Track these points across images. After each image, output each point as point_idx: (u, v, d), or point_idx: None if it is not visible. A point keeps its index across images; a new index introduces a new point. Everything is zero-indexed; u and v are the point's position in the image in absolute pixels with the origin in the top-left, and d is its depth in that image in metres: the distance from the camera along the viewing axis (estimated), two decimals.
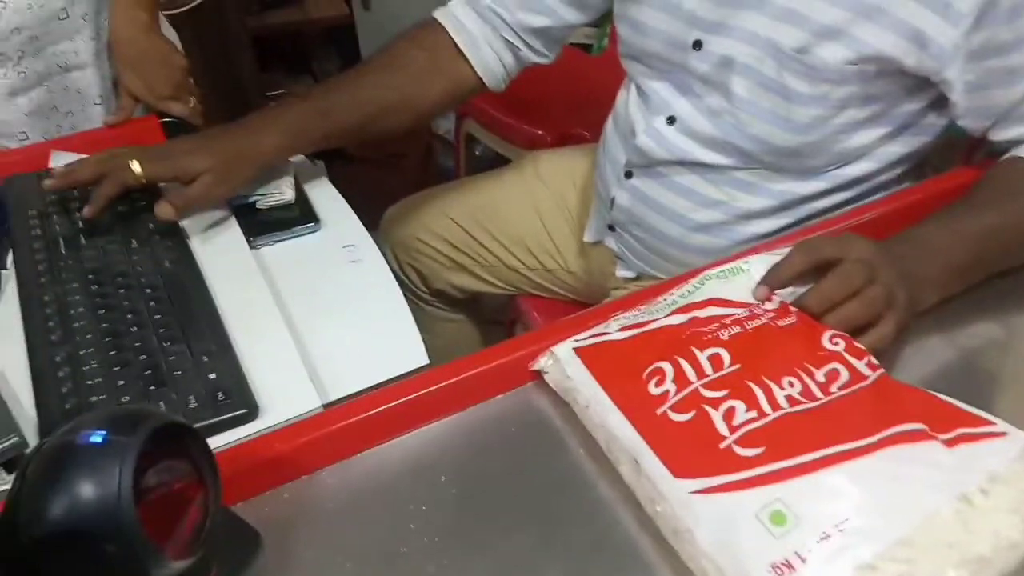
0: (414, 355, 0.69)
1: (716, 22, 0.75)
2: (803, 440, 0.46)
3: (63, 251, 0.75)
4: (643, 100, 0.86)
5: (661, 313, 0.57)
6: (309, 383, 0.64)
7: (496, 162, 1.41)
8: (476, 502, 0.55)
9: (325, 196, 0.88)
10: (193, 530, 0.45)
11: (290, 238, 0.82)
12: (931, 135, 0.80)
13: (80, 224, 0.78)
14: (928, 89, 0.73)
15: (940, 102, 0.75)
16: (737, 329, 0.53)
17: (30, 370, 0.64)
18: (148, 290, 0.70)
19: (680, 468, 0.47)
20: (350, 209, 0.86)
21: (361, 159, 2.06)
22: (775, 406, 0.48)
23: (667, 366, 0.51)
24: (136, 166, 0.76)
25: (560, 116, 1.59)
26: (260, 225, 0.82)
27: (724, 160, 0.82)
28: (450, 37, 0.90)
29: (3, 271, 0.76)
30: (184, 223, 0.80)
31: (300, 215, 0.84)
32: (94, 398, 0.60)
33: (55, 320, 0.67)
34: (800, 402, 0.49)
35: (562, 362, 0.56)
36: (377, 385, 0.65)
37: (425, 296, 1.20)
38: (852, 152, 0.78)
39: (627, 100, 0.89)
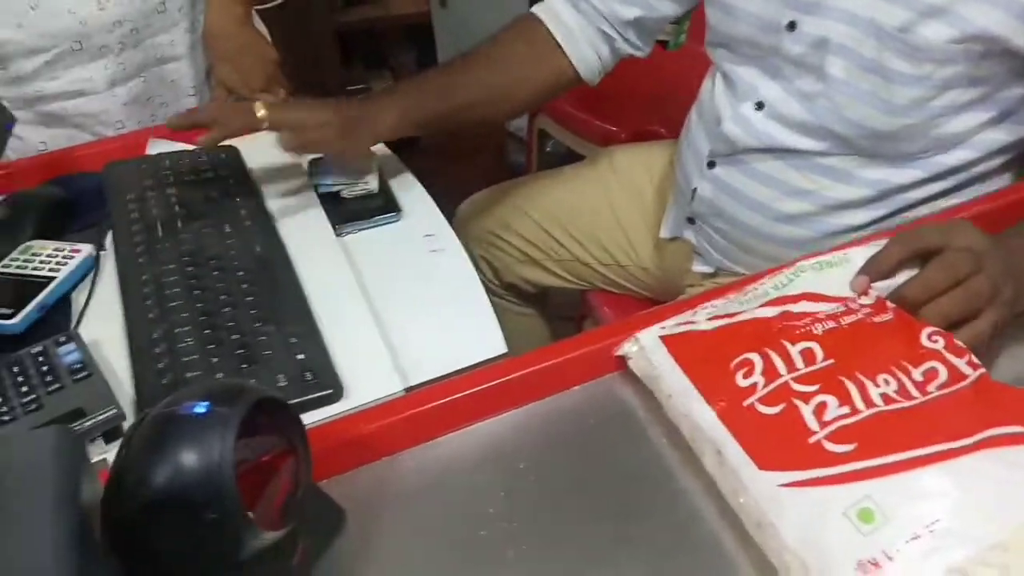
0: (493, 343, 0.70)
1: (812, 2, 0.73)
2: (897, 439, 0.45)
3: (160, 234, 0.78)
4: (729, 87, 0.85)
5: (752, 304, 0.56)
6: (392, 367, 0.65)
7: (567, 159, 1.41)
8: (555, 490, 0.55)
9: (406, 187, 0.90)
10: (284, 502, 0.46)
11: (373, 227, 0.84)
12: None
13: (176, 209, 0.82)
14: None
15: None
16: (831, 324, 0.52)
17: (128, 346, 0.67)
18: (240, 273, 0.73)
19: (765, 461, 0.47)
20: (431, 200, 0.88)
21: (436, 153, 2.08)
22: (869, 403, 0.47)
23: (756, 358, 0.51)
24: (260, 109, 0.78)
25: (635, 112, 1.58)
26: (345, 213, 0.84)
27: (815, 145, 0.79)
28: (548, 30, 0.91)
29: (102, 252, 0.80)
30: (273, 210, 0.83)
31: (383, 204, 0.86)
32: (189, 374, 0.62)
33: (152, 299, 0.70)
34: (896, 400, 0.47)
35: (647, 350, 0.56)
36: (456, 372, 0.66)
37: (497, 289, 1.20)
38: (951, 138, 0.75)
39: (712, 89, 0.89)
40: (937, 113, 0.73)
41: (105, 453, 0.61)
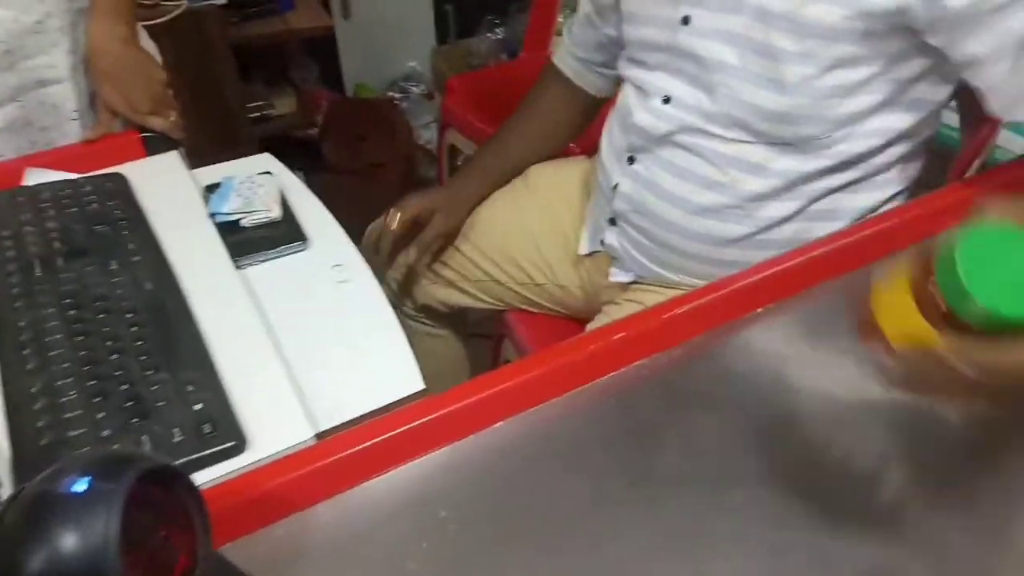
0: (409, 380, 0.66)
1: None
2: None
3: (38, 273, 0.72)
4: (640, 91, 0.91)
5: None
6: (300, 412, 0.61)
7: None
8: (480, 538, 0.52)
9: (311, 212, 0.85)
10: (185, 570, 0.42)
11: (276, 257, 0.79)
12: (926, 111, 0.80)
13: (56, 245, 0.75)
14: (918, 57, 0.74)
15: (933, 73, 0.76)
16: None
17: (4, 402, 0.61)
18: (129, 315, 0.67)
19: None
20: (338, 226, 0.84)
21: (340, 170, 2.03)
22: None
23: None
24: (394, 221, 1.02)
25: None
26: (245, 244, 0.79)
27: (723, 132, 0.83)
28: (565, 75, 1.08)
29: None
30: (165, 243, 0.77)
31: (287, 233, 0.81)
32: (72, 432, 0.57)
33: (31, 348, 0.64)
34: None
35: None
36: (372, 413, 0.63)
37: (409, 311, 1.18)
38: (846, 119, 0.78)
39: (625, 94, 0.94)
40: (828, 93, 0.76)
41: None
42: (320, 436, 0.60)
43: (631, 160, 0.91)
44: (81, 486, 0.39)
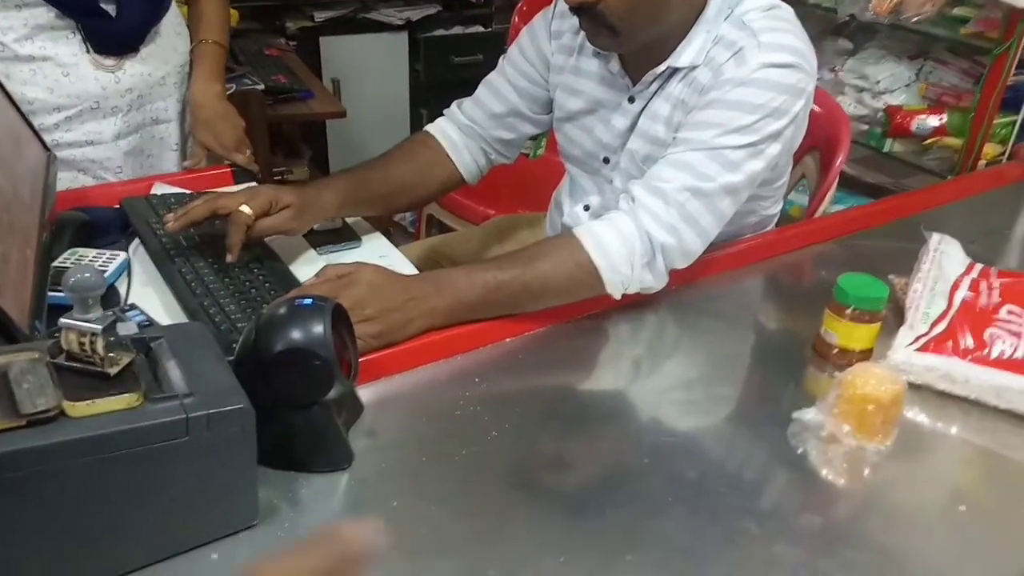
0: None
1: (616, 146, 1.11)
2: None
3: (184, 243, 1.04)
4: (572, 189, 1.20)
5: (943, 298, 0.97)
6: None
7: None
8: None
9: (359, 226, 1.20)
10: (348, 371, 0.74)
11: (341, 251, 1.13)
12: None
13: (190, 228, 1.07)
14: None
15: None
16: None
17: (185, 309, 0.92)
18: (254, 269, 1.00)
19: None
20: (380, 234, 1.18)
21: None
22: None
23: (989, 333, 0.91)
24: (246, 208, 0.98)
25: (507, 199, 1.97)
26: (320, 239, 1.13)
27: None
28: (440, 144, 1.20)
29: (130, 257, 1.04)
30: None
31: (346, 235, 1.15)
32: (240, 325, 0.88)
33: (195, 281, 0.96)
34: None
35: (917, 364, 0.90)
36: None
37: None
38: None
39: (561, 187, 1.26)
40: None
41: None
42: None
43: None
44: (308, 301, 0.72)
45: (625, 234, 0.95)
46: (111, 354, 0.61)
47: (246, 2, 2.42)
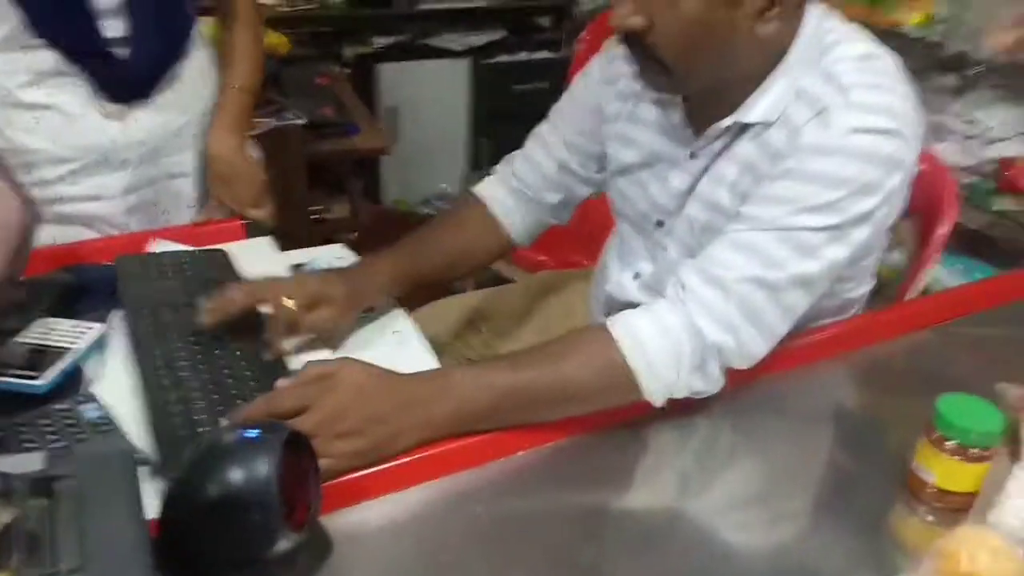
0: None
1: (671, 210, 0.94)
2: None
3: (167, 318, 0.92)
4: (621, 253, 1.05)
5: None
6: None
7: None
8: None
9: None
10: (304, 515, 0.60)
11: None
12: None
13: (181, 296, 0.95)
14: None
15: None
16: None
17: (147, 404, 0.79)
18: (238, 352, 0.87)
19: None
20: (396, 303, 1.04)
21: None
22: None
23: None
24: (291, 303, 0.87)
25: (560, 245, 1.81)
26: None
27: None
28: (489, 209, 1.10)
29: (111, 330, 0.93)
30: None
31: None
32: (201, 429, 0.75)
33: (164, 370, 0.83)
34: None
35: None
36: None
37: None
38: None
39: (609, 249, 1.09)
40: None
41: None
42: None
43: (608, 313, 0.91)
44: (252, 434, 0.58)
45: (670, 331, 0.79)
46: None
47: (302, 28, 2.34)
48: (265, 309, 0.89)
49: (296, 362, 0.88)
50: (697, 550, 0.71)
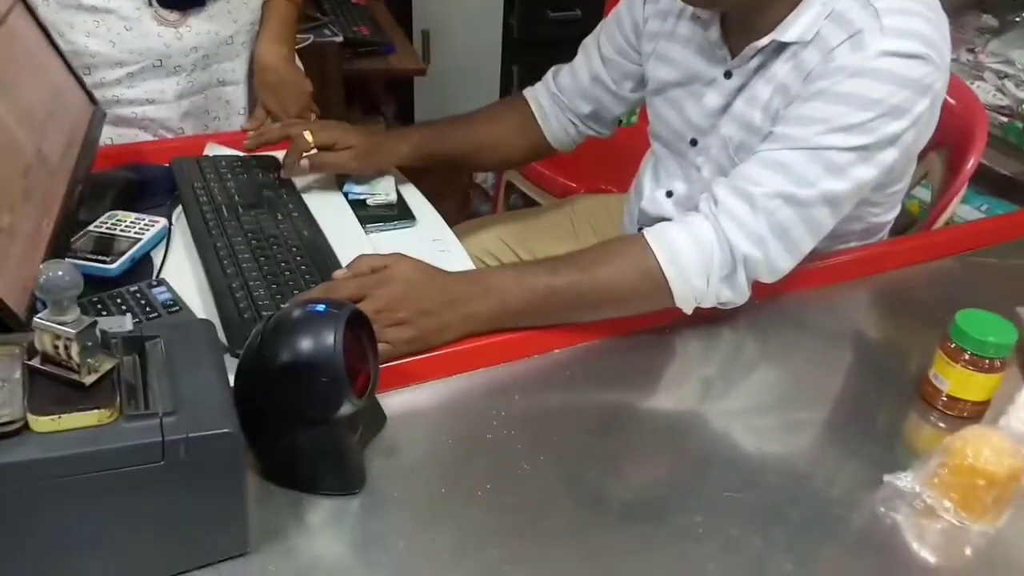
0: None
1: (705, 128, 0.97)
2: None
3: (225, 215, 0.97)
4: (655, 172, 1.08)
5: None
6: None
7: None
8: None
9: (417, 202, 1.11)
10: (364, 385, 0.66)
11: (394, 229, 1.04)
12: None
13: (236, 197, 1.01)
14: None
15: None
16: None
17: (212, 290, 0.85)
18: (294, 248, 0.92)
19: None
20: (437, 213, 1.09)
21: None
22: None
23: None
24: (308, 136, 1.03)
25: (591, 171, 1.84)
26: (370, 216, 1.05)
27: None
28: (531, 110, 1.16)
29: (172, 225, 0.98)
30: (314, 210, 1.02)
31: (400, 212, 1.06)
32: (264, 313, 0.81)
33: (227, 260, 0.89)
34: None
35: None
36: None
37: None
38: None
39: (644, 168, 1.13)
40: None
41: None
42: None
43: (640, 229, 0.93)
44: (321, 308, 0.63)
45: (703, 241, 0.83)
46: (89, 360, 0.54)
47: None
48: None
49: (347, 257, 0.93)
50: (715, 448, 0.76)
